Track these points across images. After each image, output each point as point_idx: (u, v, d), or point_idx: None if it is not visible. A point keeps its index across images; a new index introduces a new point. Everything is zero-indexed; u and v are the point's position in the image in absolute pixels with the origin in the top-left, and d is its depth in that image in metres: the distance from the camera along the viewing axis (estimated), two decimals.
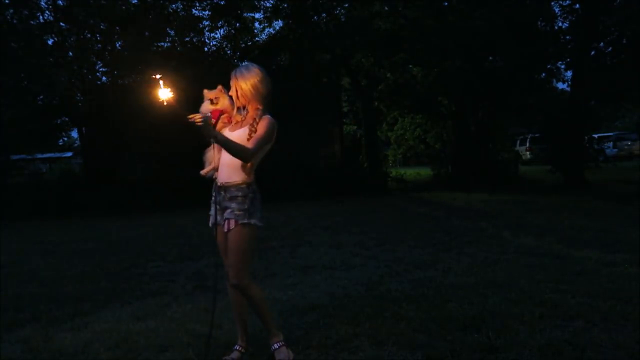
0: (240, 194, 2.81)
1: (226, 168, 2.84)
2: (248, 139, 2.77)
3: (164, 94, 2.66)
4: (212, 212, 2.92)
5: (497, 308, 3.53)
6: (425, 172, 19.77)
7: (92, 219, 11.66)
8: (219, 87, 2.85)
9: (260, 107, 2.83)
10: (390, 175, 18.07)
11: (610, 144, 25.60)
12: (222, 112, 2.86)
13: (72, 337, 3.46)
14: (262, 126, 2.78)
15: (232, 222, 2.77)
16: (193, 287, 4.69)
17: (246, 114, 2.88)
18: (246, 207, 2.79)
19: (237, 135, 2.82)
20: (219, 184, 2.86)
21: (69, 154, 30.15)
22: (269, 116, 2.84)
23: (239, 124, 2.88)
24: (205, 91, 2.87)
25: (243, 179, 2.82)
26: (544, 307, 3.51)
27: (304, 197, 13.28)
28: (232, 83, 2.86)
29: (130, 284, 4.93)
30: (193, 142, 2.92)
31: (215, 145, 2.85)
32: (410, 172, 19.44)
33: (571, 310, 3.42)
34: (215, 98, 2.83)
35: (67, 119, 16.64)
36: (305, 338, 3.17)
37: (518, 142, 25.80)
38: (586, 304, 3.53)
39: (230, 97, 2.88)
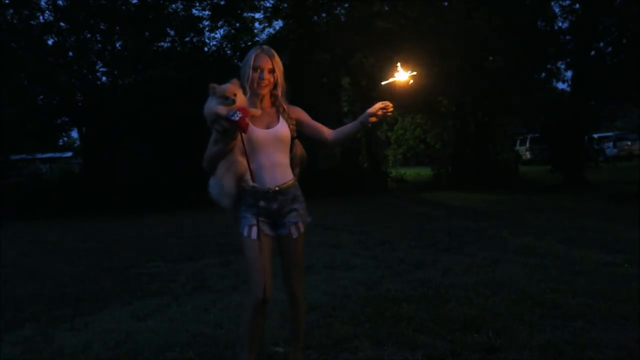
0: (298, 192, 2.54)
1: (278, 168, 2.46)
2: (292, 130, 2.51)
3: (403, 76, 2.43)
4: (253, 221, 2.43)
5: (497, 308, 3.53)
6: (425, 172, 19.77)
7: (92, 219, 11.65)
8: (235, 80, 2.37)
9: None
10: (390, 175, 18.07)
11: (610, 144, 25.59)
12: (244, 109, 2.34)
13: (72, 337, 3.46)
14: (303, 112, 2.58)
15: (302, 226, 2.51)
16: (193, 287, 4.69)
17: (261, 104, 2.49)
18: (304, 203, 2.56)
19: (279, 131, 2.47)
20: (271, 189, 2.43)
21: (69, 154, 30.12)
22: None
23: (262, 118, 2.47)
24: (214, 86, 2.33)
25: (293, 176, 2.53)
26: (544, 307, 3.51)
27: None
28: (268, 64, 2.43)
29: (130, 284, 4.93)
30: (192, 142, 2.76)
31: (240, 148, 2.38)
32: (410, 172, 19.45)
33: (571, 310, 3.42)
34: (234, 94, 2.30)
35: (67, 119, 16.64)
36: (305, 338, 3.17)
37: (518, 142, 25.78)
38: (586, 304, 3.53)
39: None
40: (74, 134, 20.79)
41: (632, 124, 26.63)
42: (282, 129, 2.48)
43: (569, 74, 15.20)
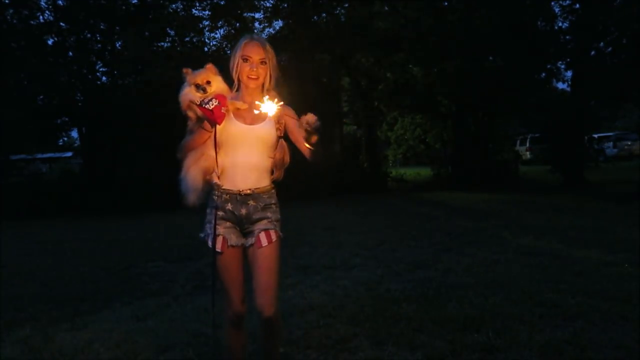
0: (273, 200, 2.29)
1: (254, 170, 2.23)
2: (278, 129, 2.26)
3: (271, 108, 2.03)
4: (218, 229, 2.23)
5: (497, 308, 3.53)
6: (425, 172, 19.77)
7: (92, 219, 11.65)
8: (209, 65, 2.20)
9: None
10: (390, 175, 18.08)
11: (610, 144, 25.61)
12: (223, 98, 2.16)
13: (72, 337, 3.46)
14: (294, 116, 2.26)
15: (273, 234, 2.24)
16: (193, 287, 4.69)
17: (250, 98, 2.23)
18: (279, 216, 2.31)
19: (262, 130, 2.23)
20: (242, 192, 2.22)
21: (69, 154, 30.12)
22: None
23: (248, 113, 2.22)
24: (188, 71, 2.19)
25: (270, 183, 2.31)
26: (544, 307, 3.51)
27: (303, 197, 13.30)
28: (259, 54, 2.20)
29: (130, 284, 4.93)
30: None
31: (213, 141, 2.18)
32: (410, 172, 19.45)
33: (571, 310, 3.42)
34: (207, 82, 2.16)
35: (67, 119, 16.65)
36: (305, 338, 3.17)
37: (518, 142, 25.80)
38: (586, 304, 3.53)
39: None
40: (74, 134, 20.82)
41: (632, 124, 26.66)
42: (266, 128, 2.23)
43: (569, 74, 15.24)
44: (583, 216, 7.93)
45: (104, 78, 15.77)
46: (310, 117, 1.99)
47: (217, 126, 2.15)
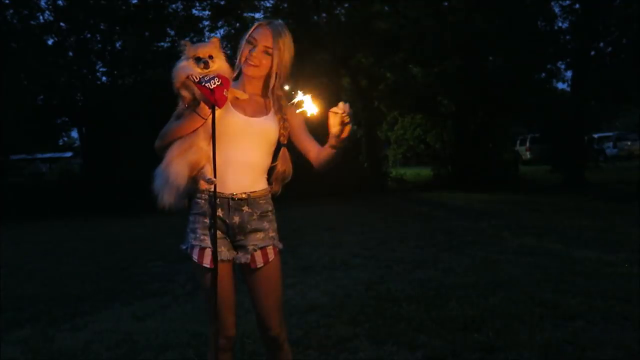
0: (270, 207, 1.96)
1: (250, 170, 1.91)
2: (282, 134, 1.95)
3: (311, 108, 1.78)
4: (206, 240, 1.88)
5: (497, 308, 3.53)
6: (425, 172, 19.76)
7: (92, 219, 11.64)
8: (215, 39, 1.88)
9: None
10: (390, 175, 18.07)
11: (610, 144, 25.63)
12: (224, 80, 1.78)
13: (72, 337, 3.46)
14: (301, 122, 2.02)
15: (270, 251, 1.92)
16: (193, 287, 4.68)
17: (250, 89, 1.94)
18: (276, 225, 1.99)
19: (265, 123, 1.92)
20: (236, 195, 1.87)
21: (69, 154, 30.12)
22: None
23: (249, 104, 1.91)
24: (187, 43, 1.86)
25: (267, 186, 1.97)
26: (544, 307, 3.51)
27: (303, 197, 13.29)
28: (266, 41, 1.87)
29: (130, 284, 4.93)
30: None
31: (206, 131, 1.82)
32: (410, 172, 19.45)
33: (571, 310, 3.42)
34: (209, 56, 1.79)
35: (67, 119, 16.66)
36: (305, 338, 3.17)
37: (518, 142, 25.80)
38: (586, 304, 3.53)
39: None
40: (74, 134, 20.80)
41: (632, 124, 26.67)
42: (268, 122, 1.91)
43: (569, 74, 15.24)
44: (583, 216, 7.93)
45: (104, 78, 15.78)
46: (342, 105, 1.80)
47: (214, 113, 1.78)
